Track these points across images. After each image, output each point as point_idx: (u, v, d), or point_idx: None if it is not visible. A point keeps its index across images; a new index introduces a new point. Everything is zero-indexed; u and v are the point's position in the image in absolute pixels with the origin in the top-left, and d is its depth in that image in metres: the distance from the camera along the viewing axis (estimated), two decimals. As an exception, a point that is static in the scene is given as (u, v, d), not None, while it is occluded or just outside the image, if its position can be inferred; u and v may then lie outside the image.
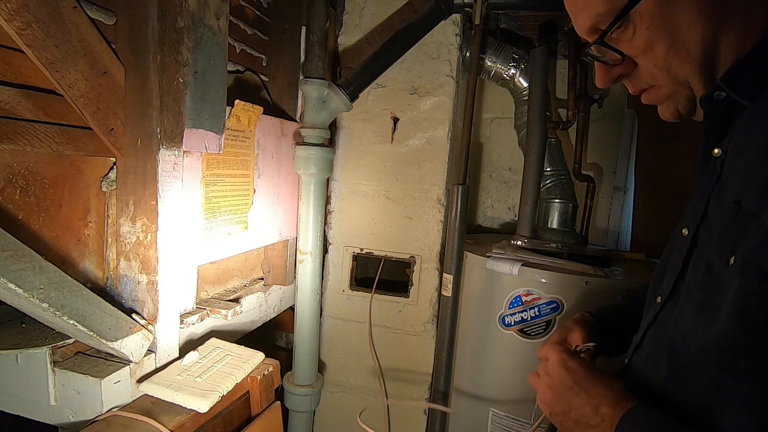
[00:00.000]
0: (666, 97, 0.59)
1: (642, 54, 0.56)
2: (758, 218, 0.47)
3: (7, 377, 0.90)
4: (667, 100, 0.59)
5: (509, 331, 1.41)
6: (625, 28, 0.55)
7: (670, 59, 0.54)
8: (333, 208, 1.73)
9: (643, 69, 0.58)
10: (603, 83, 0.61)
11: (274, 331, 1.98)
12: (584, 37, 0.60)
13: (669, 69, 0.55)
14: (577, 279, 1.33)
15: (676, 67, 0.55)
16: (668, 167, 1.92)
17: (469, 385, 1.56)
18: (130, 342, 0.93)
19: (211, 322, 1.24)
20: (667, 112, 0.60)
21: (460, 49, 1.62)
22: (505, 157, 2.09)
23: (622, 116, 1.96)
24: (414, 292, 1.68)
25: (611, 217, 2.01)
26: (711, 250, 0.54)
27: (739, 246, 0.49)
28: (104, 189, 1.01)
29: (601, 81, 0.61)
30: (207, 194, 1.16)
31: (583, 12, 0.57)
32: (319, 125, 1.44)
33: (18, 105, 0.81)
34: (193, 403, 0.93)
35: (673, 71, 0.55)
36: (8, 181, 0.86)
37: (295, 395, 1.57)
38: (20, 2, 0.74)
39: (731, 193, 0.52)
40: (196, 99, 1.02)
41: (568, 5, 0.60)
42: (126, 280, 1.01)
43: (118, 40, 0.95)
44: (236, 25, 1.36)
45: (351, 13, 1.66)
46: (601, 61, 0.60)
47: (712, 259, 0.53)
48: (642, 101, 0.61)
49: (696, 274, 0.56)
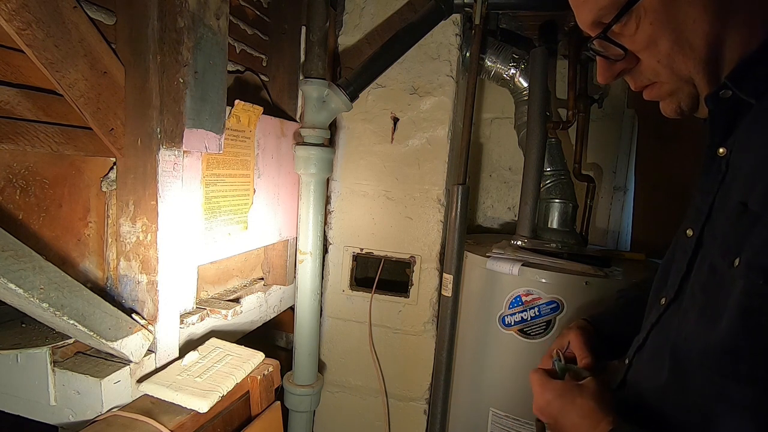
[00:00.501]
0: (668, 94, 0.58)
1: (645, 49, 0.55)
2: (763, 219, 0.46)
3: (7, 377, 0.90)
4: (670, 96, 0.58)
5: (509, 331, 1.41)
6: (628, 23, 0.54)
7: (674, 55, 0.53)
8: (333, 208, 1.73)
9: (645, 65, 0.57)
10: (604, 79, 0.60)
11: (274, 331, 1.98)
12: (586, 31, 0.59)
13: (672, 65, 0.54)
14: (577, 279, 1.33)
15: (680, 64, 0.54)
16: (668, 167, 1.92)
17: (469, 385, 1.56)
18: (130, 342, 0.93)
19: (211, 322, 1.24)
20: (669, 108, 0.59)
21: (460, 49, 1.62)
22: (505, 157, 2.09)
23: (622, 116, 1.96)
24: (414, 292, 1.68)
25: (611, 217, 2.01)
26: (715, 251, 0.53)
27: (743, 247, 0.48)
28: (104, 189, 1.01)
29: (603, 76, 0.60)
30: (207, 194, 1.16)
31: (586, 5, 0.56)
32: (319, 125, 1.44)
33: (18, 105, 0.81)
34: (193, 403, 0.93)
35: (677, 67, 0.54)
36: (8, 181, 0.86)
37: (295, 395, 1.57)
38: (20, 2, 0.74)
39: (736, 194, 0.51)
40: (196, 99, 1.02)
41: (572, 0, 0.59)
42: (126, 280, 1.01)
43: (118, 40, 0.95)
44: (236, 25, 1.36)
45: (351, 13, 1.66)
46: (603, 56, 0.59)
47: (715, 260, 0.52)
48: (644, 97, 0.60)
49: (700, 276, 0.55)
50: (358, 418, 1.77)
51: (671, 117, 0.60)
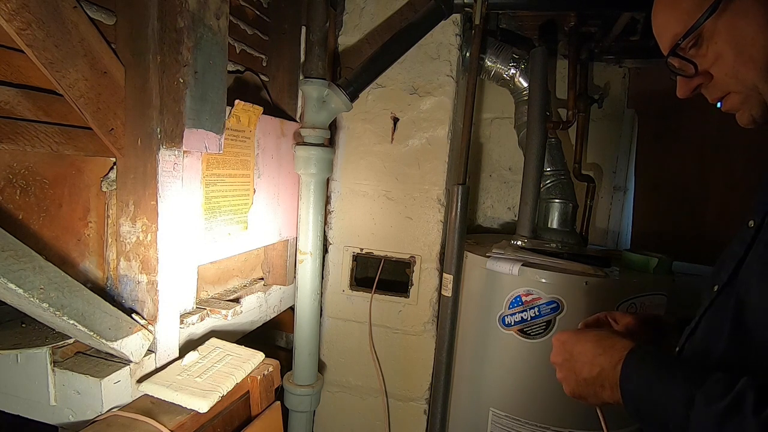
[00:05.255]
0: (741, 103, 0.65)
1: (713, 65, 0.64)
2: None
3: (7, 377, 0.90)
4: (742, 106, 0.65)
5: (509, 331, 1.41)
6: (699, 46, 0.64)
7: (738, 66, 0.62)
8: (333, 208, 1.73)
9: (716, 78, 0.65)
10: (683, 93, 0.69)
11: (274, 331, 1.98)
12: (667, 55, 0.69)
13: (738, 75, 0.62)
14: (577, 279, 1.33)
15: (744, 74, 0.62)
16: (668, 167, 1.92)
17: (469, 385, 1.56)
18: (130, 342, 0.93)
19: (211, 322, 1.24)
20: (743, 118, 0.66)
21: (460, 49, 1.62)
22: (505, 157, 2.09)
23: (622, 116, 1.97)
24: (414, 292, 1.68)
25: (611, 217, 2.01)
26: None
27: None
28: (104, 189, 1.01)
29: (681, 91, 0.69)
30: (207, 194, 1.16)
31: (665, 33, 0.67)
32: (319, 125, 1.44)
33: (18, 105, 0.81)
34: (193, 403, 0.93)
35: (742, 77, 0.62)
36: (8, 181, 0.86)
37: (295, 395, 1.57)
38: (20, 2, 0.74)
39: None
40: (196, 99, 1.02)
41: (655, 30, 0.70)
42: (126, 280, 1.01)
43: (118, 40, 0.95)
44: (236, 25, 1.36)
45: (351, 13, 1.66)
46: (680, 74, 0.68)
47: None
48: (722, 110, 0.68)
49: (757, 252, 0.60)
50: (358, 418, 1.77)
51: (747, 127, 0.67)
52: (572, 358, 0.69)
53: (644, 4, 1.37)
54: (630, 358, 0.62)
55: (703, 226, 1.86)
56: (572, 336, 0.72)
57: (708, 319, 0.67)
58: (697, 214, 1.88)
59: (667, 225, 1.91)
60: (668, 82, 0.71)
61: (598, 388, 0.65)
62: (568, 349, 0.71)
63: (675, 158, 1.91)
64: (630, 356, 0.62)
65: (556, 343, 0.74)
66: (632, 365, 0.61)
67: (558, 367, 0.73)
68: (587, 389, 0.67)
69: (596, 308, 1.27)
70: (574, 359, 0.69)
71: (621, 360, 0.62)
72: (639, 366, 0.61)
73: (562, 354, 0.72)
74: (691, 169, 1.90)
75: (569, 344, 0.71)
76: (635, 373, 0.60)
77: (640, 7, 1.42)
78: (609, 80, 1.97)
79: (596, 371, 0.65)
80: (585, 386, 0.67)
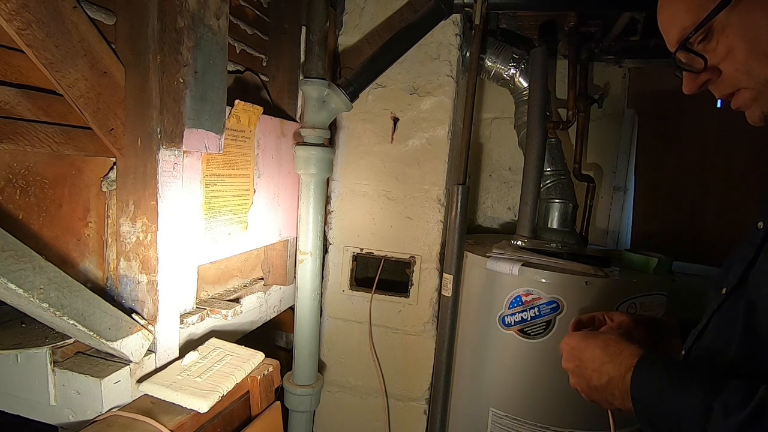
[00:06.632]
0: (752, 100, 0.62)
1: (724, 60, 0.61)
2: None
3: (7, 377, 0.90)
4: (753, 103, 0.63)
5: (509, 331, 1.41)
6: (709, 39, 0.61)
7: (750, 62, 0.59)
8: (333, 208, 1.73)
9: (726, 74, 0.62)
10: (689, 90, 0.66)
11: (274, 331, 1.98)
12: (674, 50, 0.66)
13: (750, 71, 0.60)
14: (577, 279, 1.33)
15: (757, 69, 0.59)
16: (668, 167, 1.93)
17: (469, 385, 1.56)
18: (130, 342, 0.93)
19: (211, 322, 1.24)
20: (753, 116, 0.64)
21: (460, 49, 1.62)
22: (505, 157, 2.09)
23: (622, 116, 1.97)
24: (414, 292, 1.68)
25: (611, 217, 2.01)
26: None
27: None
28: (104, 189, 1.00)
29: (688, 87, 0.66)
30: (207, 194, 1.16)
31: (673, 27, 0.64)
32: (319, 125, 1.44)
33: (18, 105, 0.81)
34: (193, 403, 0.93)
35: (754, 72, 0.60)
36: (8, 181, 0.86)
37: (295, 395, 1.57)
38: (20, 2, 0.74)
39: None
40: (196, 99, 1.02)
41: (660, 24, 0.67)
42: (126, 280, 1.01)
43: (118, 40, 0.95)
44: (236, 25, 1.36)
45: (351, 13, 1.66)
46: (688, 69, 0.65)
47: None
48: (731, 107, 0.66)
49: None
50: (358, 418, 1.77)
51: (757, 125, 0.64)
52: (582, 364, 0.69)
53: (644, 4, 1.37)
54: (639, 366, 0.60)
55: (703, 226, 1.87)
56: (581, 341, 0.71)
57: (716, 322, 0.65)
58: (697, 214, 1.88)
59: (667, 225, 1.91)
60: (668, 82, 0.69)
61: (609, 396, 0.64)
62: (577, 355, 0.70)
63: (675, 158, 1.91)
64: (639, 365, 0.61)
65: (566, 348, 0.73)
66: (642, 374, 0.60)
67: (570, 374, 0.72)
68: (599, 396, 0.67)
69: (596, 308, 1.27)
70: (584, 366, 0.68)
71: (630, 368, 0.61)
72: (649, 374, 0.59)
73: (572, 360, 0.71)
74: (691, 170, 1.90)
75: (578, 350, 0.70)
76: (646, 382, 0.59)
77: (640, 7, 1.42)
78: (609, 80, 1.97)
79: (605, 380, 0.64)
80: (596, 393, 0.67)
